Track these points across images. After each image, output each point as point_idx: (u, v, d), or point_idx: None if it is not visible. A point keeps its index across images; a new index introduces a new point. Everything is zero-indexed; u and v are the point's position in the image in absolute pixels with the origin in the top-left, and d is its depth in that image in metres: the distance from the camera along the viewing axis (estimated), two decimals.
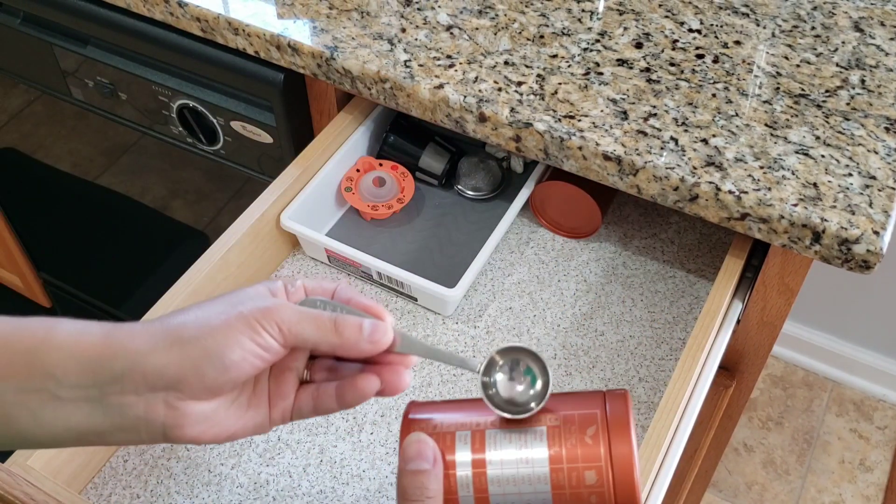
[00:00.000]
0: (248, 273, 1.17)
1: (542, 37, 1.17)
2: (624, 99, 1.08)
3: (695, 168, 1.00)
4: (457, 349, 1.14)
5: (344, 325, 0.65)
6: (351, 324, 0.65)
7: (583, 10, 1.20)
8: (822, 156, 1.01)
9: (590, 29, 1.18)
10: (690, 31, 1.17)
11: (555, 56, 1.14)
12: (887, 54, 1.14)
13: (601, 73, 1.11)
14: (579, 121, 1.05)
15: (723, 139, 1.03)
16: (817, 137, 1.03)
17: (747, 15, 1.19)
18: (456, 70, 1.12)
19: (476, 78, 1.11)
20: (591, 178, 1.05)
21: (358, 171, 1.26)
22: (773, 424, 2.38)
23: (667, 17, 1.19)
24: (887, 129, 1.04)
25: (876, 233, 0.93)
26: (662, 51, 1.14)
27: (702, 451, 1.34)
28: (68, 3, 1.40)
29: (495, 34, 1.17)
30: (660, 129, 1.04)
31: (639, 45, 1.15)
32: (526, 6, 1.21)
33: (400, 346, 0.68)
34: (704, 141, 1.03)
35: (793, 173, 0.99)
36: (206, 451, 1.04)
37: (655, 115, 1.06)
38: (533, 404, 0.68)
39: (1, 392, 0.61)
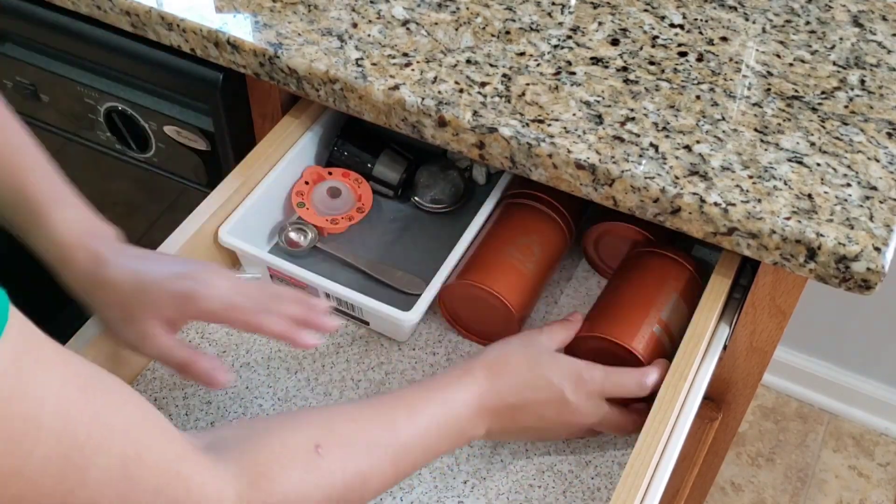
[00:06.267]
0: None
1: (508, 32, 1.15)
2: (598, 101, 1.07)
3: (677, 178, 0.99)
4: (413, 379, 1.12)
5: (195, 365, 0.94)
6: (200, 365, 0.94)
7: (553, 3, 1.19)
8: (818, 164, 1.00)
9: (561, 24, 1.17)
10: (672, 26, 1.17)
11: (522, 54, 1.13)
12: (890, 52, 1.13)
13: (573, 73, 1.10)
14: (549, 125, 1.04)
15: (708, 146, 1.02)
16: (812, 144, 1.02)
17: (735, 8, 1.19)
18: (413, 69, 1.11)
19: (435, 78, 1.10)
20: (562, 188, 1.04)
21: (307, 183, 1.24)
22: (764, 461, 2.38)
23: (646, 10, 1.19)
24: (889, 135, 1.03)
25: (877, 249, 0.92)
26: (641, 48, 1.14)
27: (685, 491, 1.33)
28: None
29: (456, 30, 1.16)
30: (638, 135, 1.03)
31: (615, 42, 1.14)
32: None
33: None
34: (687, 148, 1.02)
35: (785, 183, 0.98)
36: None
37: (633, 119, 1.05)
38: None
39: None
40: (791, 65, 1.12)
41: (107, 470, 0.63)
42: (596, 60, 1.12)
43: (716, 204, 0.96)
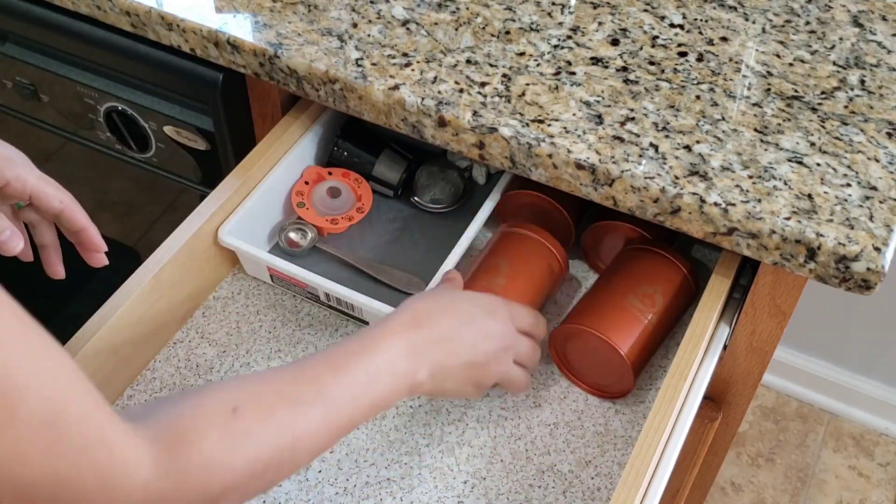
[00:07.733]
0: (183, 294, 1.15)
1: (507, 32, 1.15)
2: (598, 101, 1.07)
3: (677, 178, 0.98)
4: None
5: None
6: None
7: (553, 3, 1.19)
8: (818, 164, 1.00)
9: (561, 24, 1.16)
10: (672, 26, 1.16)
11: (522, 54, 1.12)
12: (889, 52, 1.13)
13: (573, 73, 1.10)
14: (549, 125, 1.04)
15: (708, 146, 1.02)
16: (812, 144, 1.02)
17: (735, 8, 1.19)
18: (413, 69, 1.10)
19: (435, 78, 1.09)
20: (562, 188, 1.04)
21: (307, 183, 1.24)
22: (764, 461, 2.38)
23: (646, 10, 1.18)
24: (889, 135, 1.03)
25: (877, 249, 0.92)
26: (641, 48, 1.13)
27: (685, 491, 1.33)
28: None
29: (456, 30, 1.16)
30: (638, 135, 1.03)
31: (615, 42, 1.14)
32: None
33: None
34: (687, 148, 1.01)
35: (785, 183, 0.98)
36: None
37: (633, 119, 1.05)
38: None
39: None
40: (791, 65, 1.12)
41: (36, 412, 0.61)
42: (596, 60, 1.12)
43: (716, 204, 0.96)
